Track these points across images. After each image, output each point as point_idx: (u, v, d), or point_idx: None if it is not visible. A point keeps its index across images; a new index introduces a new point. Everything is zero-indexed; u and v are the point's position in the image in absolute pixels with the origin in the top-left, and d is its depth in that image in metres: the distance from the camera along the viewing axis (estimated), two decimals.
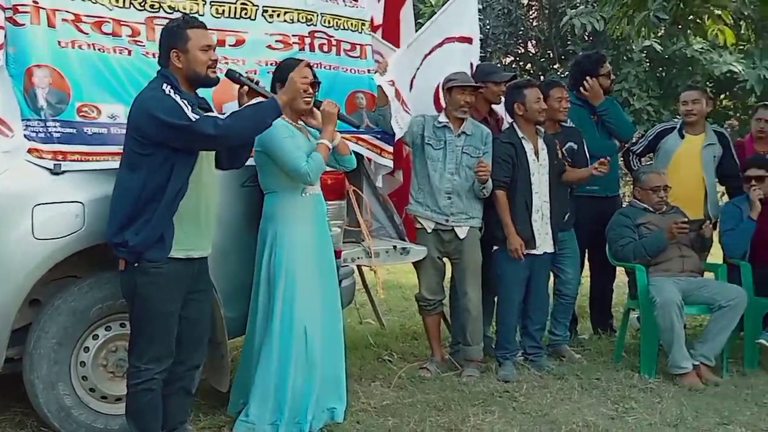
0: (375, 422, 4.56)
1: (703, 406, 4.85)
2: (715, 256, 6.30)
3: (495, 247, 5.48)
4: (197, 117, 3.54)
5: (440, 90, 5.57)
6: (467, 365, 5.48)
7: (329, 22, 5.07)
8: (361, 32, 5.26)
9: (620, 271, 6.34)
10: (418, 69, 5.40)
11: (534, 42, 17.97)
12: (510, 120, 5.70)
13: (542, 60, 17.78)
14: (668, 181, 5.82)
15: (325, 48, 5.07)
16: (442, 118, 5.39)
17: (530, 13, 17.81)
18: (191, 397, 4.11)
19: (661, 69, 16.87)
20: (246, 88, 4.05)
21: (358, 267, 5.84)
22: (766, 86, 15.43)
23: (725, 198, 6.65)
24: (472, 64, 5.83)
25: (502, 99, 5.72)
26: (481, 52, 17.35)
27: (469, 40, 5.88)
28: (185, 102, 3.56)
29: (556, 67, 16.54)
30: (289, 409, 4.23)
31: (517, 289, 5.51)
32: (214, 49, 3.81)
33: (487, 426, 4.52)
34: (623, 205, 6.29)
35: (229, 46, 4.63)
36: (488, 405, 4.86)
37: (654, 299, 5.37)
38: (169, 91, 3.58)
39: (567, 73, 7.70)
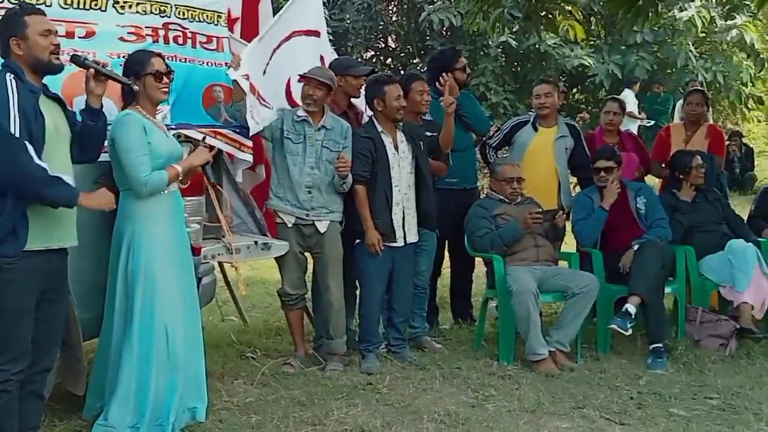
0: (238, 420, 4.50)
1: (560, 390, 5.01)
2: (569, 244, 6.51)
3: (356, 241, 5.50)
4: (18, 136, 3.41)
5: (291, 83, 5.54)
6: (331, 359, 5.48)
7: (184, 14, 4.96)
8: (217, 24, 5.17)
9: (479, 261, 6.47)
10: (268, 63, 5.35)
11: (394, 37, 18.15)
12: (370, 114, 5.72)
13: (402, 55, 17.98)
14: (522, 173, 5.97)
15: (180, 40, 4.96)
16: (301, 112, 5.36)
17: (390, 8, 17.97)
18: (43, 401, 3.94)
19: (516, 64, 17.34)
20: (92, 71, 3.90)
21: (220, 264, 5.76)
22: (615, 80, 16.10)
23: (578, 188, 6.87)
24: (322, 57, 5.81)
25: (362, 93, 5.74)
26: (341, 47, 17.50)
27: (316, 34, 5.84)
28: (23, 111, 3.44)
29: (415, 61, 16.74)
30: (150, 411, 4.12)
31: (379, 282, 5.54)
32: (56, 35, 3.68)
33: (350, 419, 4.53)
34: (481, 197, 6.40)
35: (79, 38, 4.46)
36: (352, 398, 4.87)
37: (511, 288, 5.51)
38: (10, 83, 3.44)
39: (426, 67, 7.79)
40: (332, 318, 5.45)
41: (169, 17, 4.88)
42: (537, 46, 15.84)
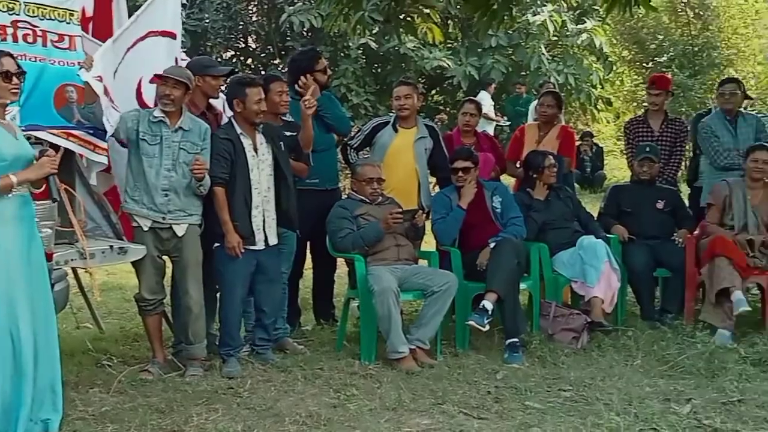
0: (93, 430, 4.36)
1: (420, 387, 5.07)
2: (429, 243, 6.60)
3: (216, 244, 5.41)
4: None
5: (143, 84, 5.41)
6: (191, 364, 5.37)
7: (33, 12, 4.79)
8: (69, 22, 5.02)
9: (341, 261, 6.49)
10: (120, 63, 5.20)
11: (254, 37, 18.02)
12: (229, 114, 5.64)
13: (263, 55, 17.88)
14: (382, 173, 6.02)
15: (30, 39, 4.80)
16: (158, 112, 5.23)
17: (250, 8, 17.81)
18: None
19: (376, 65, 17.53)
20: None
21: (74, 269, 5.56)
22: (473, 82, 16.47)
23: (437, 188, 6.98)
24: (177, 60, 5.68)
25: (221, 93, 5.66)
26: (200, 46, 17.18)
27: (172, 35, 5.71)
28: None
29: (276, 62, 16.68)
30: None
31: (240, 286, 5.47)
32: None
33: (210, 425, 4.45)
34: (342, 198, 6.41)
35: None
36: (212, 403, 4.80)
37: (372, 288, 5.54)
38: None
39: (286, 68, 7.74)
40: (192, 322, 5.35)
41: (18, 15, 4.71)
42: (397, 48, 16.05)
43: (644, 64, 16.10)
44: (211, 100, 5.79)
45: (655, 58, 15.85)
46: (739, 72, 14.68)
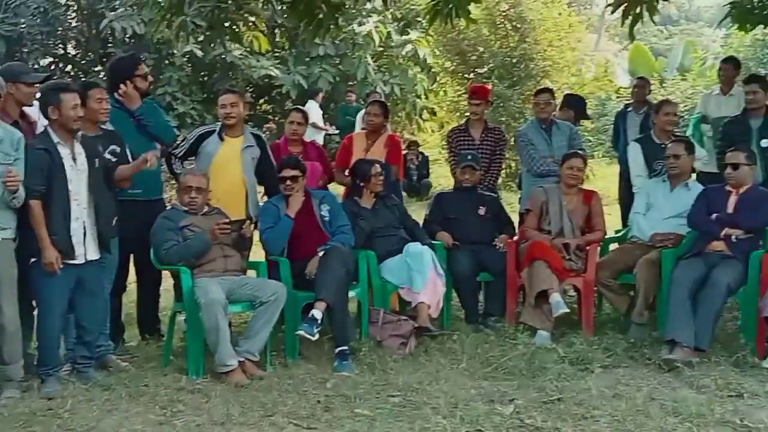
0: None
1: (249, 400, 4.99)
2: (257, 254, 6.53)
3: (32, 260, 5.13)
4: None
5: None
6: (6, 386, 5.07)
7: None
8: None
9: (166, 274, 6.30)
10: None
11: (74, 43, 17.33)
12: (45, 123, 5.37)
13: (83, 62, 17.20)
14: (204, 183, 5.88)
15: None
16: None
17: (68, 13, 17.11)
18: None
19: (203, 73, 17.21)
20: None
21: None
22: (301, 91, 16.45)
23: (265, 198, 6.89)
24: None
25: (36, 101, 5.39)
26: (16, 52, 16.34)
27: None
28: None
29: (97, 69, 16.09)
30: None
31: (58, 302, 5.20)
32: None
33: None
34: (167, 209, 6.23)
35: None
36: (30, 425, 4.56)
37: (199, 300, 5.42)
38: None
39: (105, 75, 7.46)
40: (7, 342, 5.04)
41: None
42: (223, 56, 15.82)
43: (466, 75, 16.49)
44: (25, 109, 5.50)
45: (476, 69, 16.28)
46: (554, 83, 15.27)
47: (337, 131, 15.66)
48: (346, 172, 7.12)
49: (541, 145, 7.33)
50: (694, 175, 6.99)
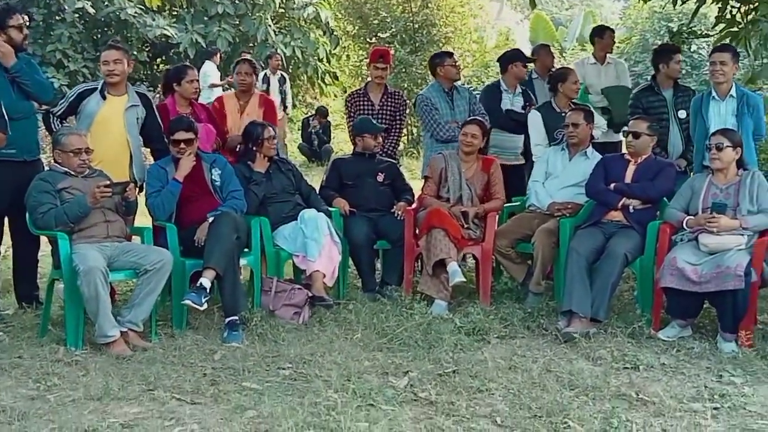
0: None
1: (130, 373, 4.71)
2: (144, 219, 6.21)
3: None
4: None
5: None
6: None
7: None
8: None
9: (44, 239, 5.91)
10: None
11: None
12: None
13: None
14: (90, 143, 5.54)
15: None
16: None
17: None
18: None
19: (96, 31, 16.54)
20: None
21: None
22: (199, 50, 15.97)
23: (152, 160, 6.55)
24: None
25: None
26: None
27: None
28: None
29: None
30: None
31: None
32: None
33: None
34: (45, 170, 5.84)
35: None
36: None
37: (78, 268, 5.08)
38: None
39: None
40: None
41: None
42: (117, 13, 15.22)
43: (368, 39, 16.30)
44: None
45: (378, 34, 16.09)
46: (456, 49, 15.20)
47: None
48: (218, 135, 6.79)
49: (444, 109, 7.21)
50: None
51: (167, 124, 6.11)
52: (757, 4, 7.38)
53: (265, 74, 14.04)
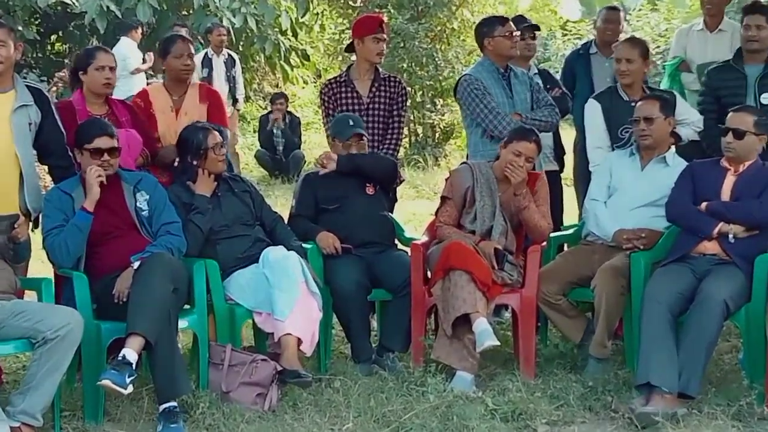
0: None
1: None
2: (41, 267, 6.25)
3: None
4: None
5: None
6: None
7: None
8: None
9: None
10: None
11: None
12: None
13: None
14: None
15: None
16: None
17: None
18: None
19: None
20: None
21: None
22: (112, 23, 16.03)
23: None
24: None
25: None
26: None
27: None
28: None
29: None
30: None
31: None
32: None
33: None
34: None
35: None
36: None
37: None
38: None
39: None
40: None
41: None
42: None
43: (351, 3, 16.40)
44: None
45: None
46: (477, 14, 15.31)
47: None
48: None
49: (500, 97, 7.31)
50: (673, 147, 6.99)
51: (73, 131, 6.15)
52: None
53: (206, 55, 14.11)
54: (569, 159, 8.28)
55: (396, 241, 7.05)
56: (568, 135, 8.45)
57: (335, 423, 5.55)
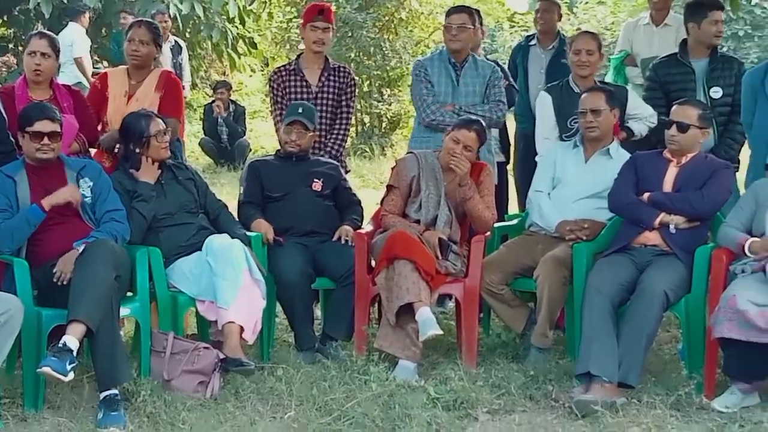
0: None
1: None
2: None
3: None
4: None
5: None
6: None
7: None
8: None
9: None
10: None
11: None
12: None
13: None
14: None
15: None
16: None
17: None
18: None
19: None
20: None
21: None
22: (59, 6, 15.85)
23: None
24: None
25: None
26: None
27: None
28: None
29: None
30: None
31: None
32: None
33: None
34: None
35: None
36: None
37: None
38: None
39: None
40: None
41: None
42: None
43: None
44: None
45: None
46: (426, 3, 15.35)
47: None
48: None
49: (443, 86, 7.40)
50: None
51: (14, 115, 6.10)
52: None
53: None
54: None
55: None
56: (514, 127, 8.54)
57: (277, 411, 5.56)
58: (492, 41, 19.61)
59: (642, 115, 7.18)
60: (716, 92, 7.20)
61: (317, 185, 6.92)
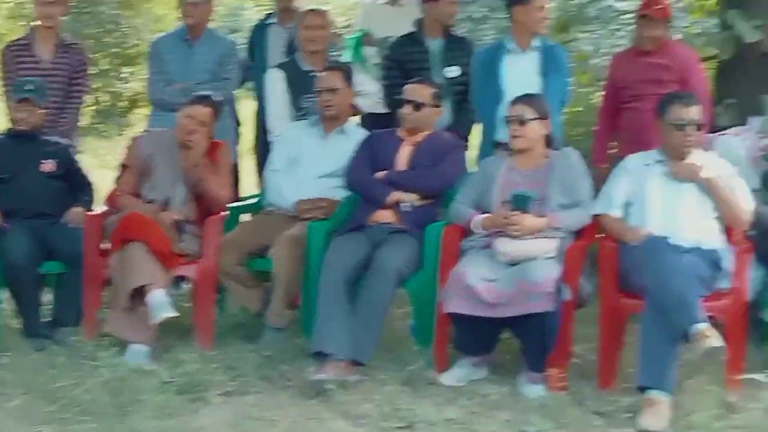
0: None
1: None
2: None
3: None
4: None
5: None
6: None
7: None
8: None
9: None
10: None
11: None
12: None
13: None
14: None
15: None
16: None
17: None
18: None
19: None
20: None
21: None
22: None
23: None
24: None
25: None
26: None
27: None
28: None
29: None
30: None
31: None
32: None
33: None
34: None
35: None
36: None
37: None
38: None
39: None
40: None
41: None
42: None
43: None
44: None
45: None
46: None
47: None
48: None
49: (174, 63, 7.40)
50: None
51: None
52: None
53: None
54: (247, 130, 8.36)
55: None
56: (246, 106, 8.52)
57: (1, 400, 5.40)
58: (234, 19, 19.53)
59: (367, 91, 7.28)
60: (451, 71, 7.32)
61: (47, 166, 6.71)
